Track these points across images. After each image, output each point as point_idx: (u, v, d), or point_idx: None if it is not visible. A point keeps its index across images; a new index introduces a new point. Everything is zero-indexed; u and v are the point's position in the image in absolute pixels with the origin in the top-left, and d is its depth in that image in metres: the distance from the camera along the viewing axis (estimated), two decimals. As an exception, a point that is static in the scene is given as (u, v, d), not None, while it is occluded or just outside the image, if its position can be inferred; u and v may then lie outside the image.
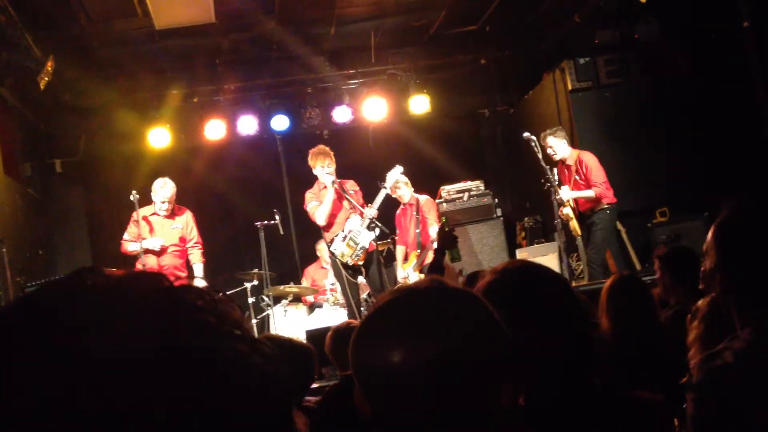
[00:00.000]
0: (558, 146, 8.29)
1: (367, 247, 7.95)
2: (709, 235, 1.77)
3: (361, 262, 8.00)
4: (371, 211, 7.95)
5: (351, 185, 8.30)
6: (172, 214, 8.10)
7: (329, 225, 8.10)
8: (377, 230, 7.99)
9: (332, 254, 8.09)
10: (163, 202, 7.95)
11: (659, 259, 4.37)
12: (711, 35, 8.48)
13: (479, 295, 1.85)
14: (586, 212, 8.27)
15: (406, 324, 1.24)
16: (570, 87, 9.32)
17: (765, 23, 7.88)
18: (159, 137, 9.78)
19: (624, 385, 2.36)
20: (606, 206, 8.17)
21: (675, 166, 8.72)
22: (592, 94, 9.27)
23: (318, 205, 8.04)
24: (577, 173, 8.21)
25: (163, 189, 7.96)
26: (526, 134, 8.31)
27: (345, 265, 8.04)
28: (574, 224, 8.18)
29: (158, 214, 8.02)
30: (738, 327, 1.73)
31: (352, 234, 7.95)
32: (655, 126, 8.93)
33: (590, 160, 8.27)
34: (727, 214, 1.75)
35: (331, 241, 8.06)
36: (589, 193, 8.14)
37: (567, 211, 8.13)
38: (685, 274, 4.19)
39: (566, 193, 8.09)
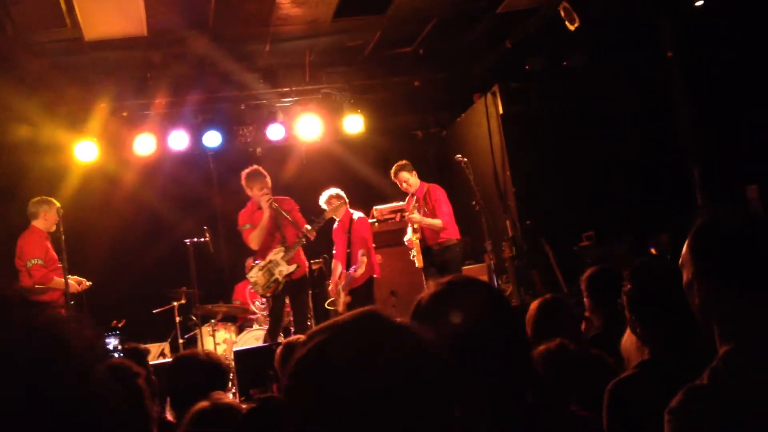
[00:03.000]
0: (411, 180, 8.52)
1: (280, 280, 7.84)
2: (684, 247, 1.81)
3: (269, 294, 7.91)
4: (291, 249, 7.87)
5: (288, 204, 8.18)
6: None
7: (262, 250, 7.98)
8: (296, 266, 7.91)
9: (248, 281, 8.02)
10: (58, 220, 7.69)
11: (583, 282, 4.39)
12: (636, 63, 8.75)
13: (421, 306, 1.85)
14: (433, 247, 8.42)
15: (346, 359, 1.25)
16: (501, 111, 9.48)
17: (687, 54, 8.18)
18: (86, 151, 9.54)
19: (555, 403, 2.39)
20: (454, 242, 8.42)
21: (602, 191, 8.92)
22: (523, 117, 9.44)
23: (252, 229, 7.92)
24: (426, 205, 8.39)
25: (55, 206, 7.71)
26: (458, 156, 8.43)
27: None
28: (418, 256, 8.34)
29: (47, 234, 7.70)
30: (717, 343, 1.75)
31: (270, 265, 7.86)
32: (584, 150, 9.14)
33: (438, 193, 8.52)
34: (700, 223, 1.79)
35: (251, 268, 7.96)
36: (437, 222, 8.30)
37: (415, 239, 8.32)
38: (606, 297, 4.19)
39: (417, 217, 8.26)
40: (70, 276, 7.59)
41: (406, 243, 8.62)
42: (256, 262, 7.97)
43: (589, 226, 8.80)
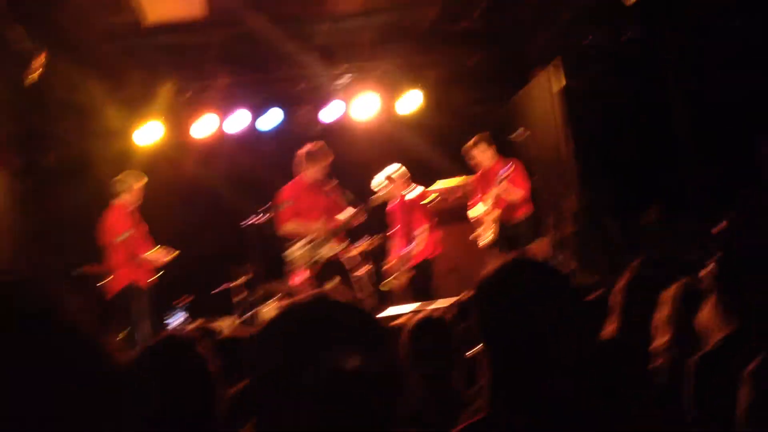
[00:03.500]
0: (489, 153, 8.39)
1: (323, 260, 7.80)
2: None
3: (309, 274, 7.85)
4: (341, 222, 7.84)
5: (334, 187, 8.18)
6: None
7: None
8: (340, 246, 7.87)
9: (286, 258, 7.96)
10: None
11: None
12: (697, 36, 8.49)
13: (474, 288, 1.84)
14: (505, 222, 8.30)
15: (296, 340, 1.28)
16: (562, 84, 9.32)
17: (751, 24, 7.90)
18: (148, 133, 9.76)
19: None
20: (526, 218, 8.34)
21: (667, 165, 8.71)
22: (584, 91, 9.25)
23: (292, 208, 7.86)
24: (506, 179, 8.29)
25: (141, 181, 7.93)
26: (518, 132, 8.33)
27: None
28: (492, 228, 8.21)
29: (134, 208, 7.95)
30: None
31: (313, 243, 7.83)
32: (648, 124, 8.92)
33: (519, 167, 8.39)
34: None
35: (292, 243, 7.93)
36: (519, 192, 8.21)
37: (489, 214, 8.20)
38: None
39: (504, 185, 8.10)
40: (157, 247, 7.84)
41: (477, 216, 8.51)
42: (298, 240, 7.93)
43: (654, 201, 8.61)
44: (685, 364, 2.54)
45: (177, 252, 7.96)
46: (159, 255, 7.82)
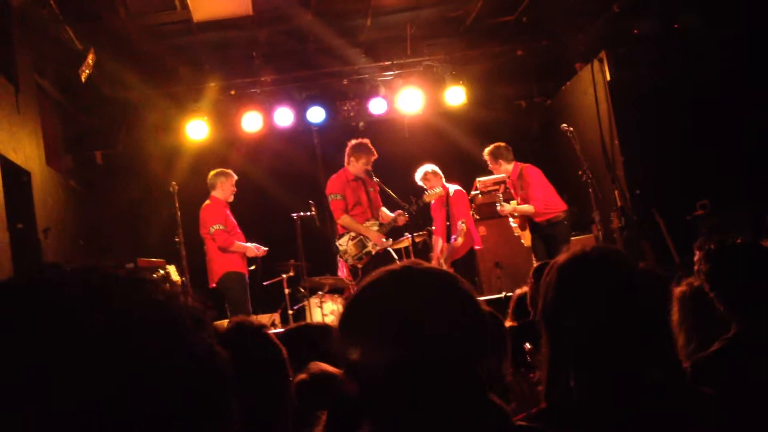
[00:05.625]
0: (502, 168, 8.35)
1: (372, 253, 7.86)
2: None
3: (359, 266, 7.91)
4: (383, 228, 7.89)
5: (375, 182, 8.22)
6: None
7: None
8: (391, 240, 7.96)
9: (336, 247, 8.05)
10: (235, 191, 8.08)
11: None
12: (751, 25, 8.31)
13: (553, 273, 1.83)
14: (541, 224, 8.22)
15: (380, 311, 1.39)
16: (608, 78, 9.20)
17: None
18: (197, 129, 9.90)
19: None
20: (561, 216, 8.21)
21: (716, 158, 8.56)
22: (632, 84, 9.12)
23: (342, 201, 7.93)
24: (522, 188, 8.22)
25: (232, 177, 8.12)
26: (564, 126, 8.25)
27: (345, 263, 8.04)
28: (524, 235, 8.20)
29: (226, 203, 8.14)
30: None
31: (363, 237, 7.89)
32: (696, 117, 8.77)
33: (532, 175, 8.27)
34: None
35: (342, 234, 8.00)
36: (529, 209, 8.12)
37: (513, 222, 8.19)
38: None
39: (507, 207, 8.13)
40: (250, 243, 8.06)
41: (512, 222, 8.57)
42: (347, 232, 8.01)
43: (704, 194, 8.47)
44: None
45: (266, 249, 8.14)
46: (252, 248, 8.05)
